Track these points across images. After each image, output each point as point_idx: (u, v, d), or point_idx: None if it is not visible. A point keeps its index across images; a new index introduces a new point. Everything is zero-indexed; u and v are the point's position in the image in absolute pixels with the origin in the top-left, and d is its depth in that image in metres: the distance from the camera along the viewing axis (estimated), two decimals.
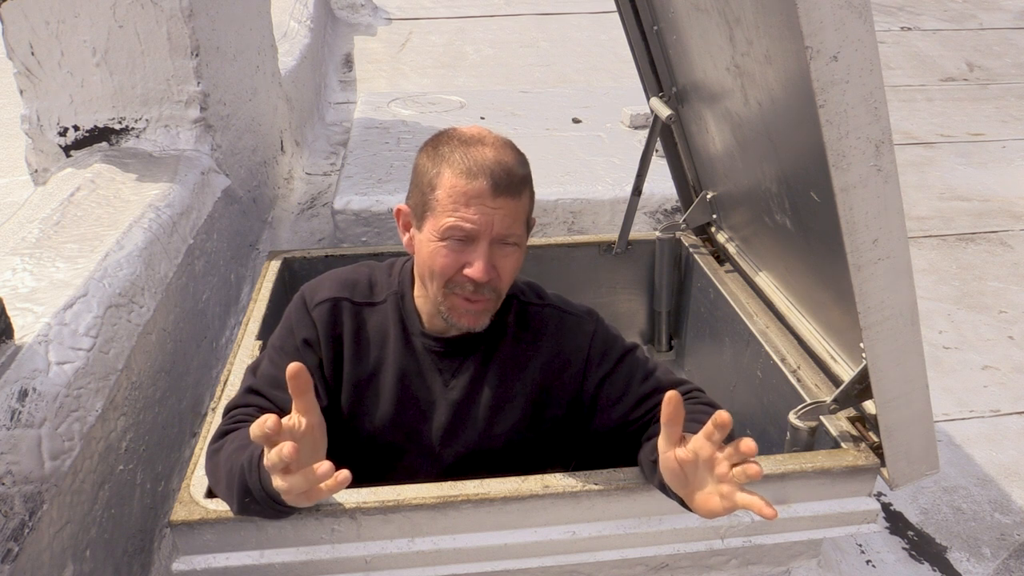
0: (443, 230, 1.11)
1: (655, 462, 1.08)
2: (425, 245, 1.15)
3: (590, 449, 1.38)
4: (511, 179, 1.12)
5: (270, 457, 0.89)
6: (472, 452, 1.29)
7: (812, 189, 1.31)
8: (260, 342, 1.59)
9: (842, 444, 1.33)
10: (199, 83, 2.24)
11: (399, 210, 1.24)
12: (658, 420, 1.20)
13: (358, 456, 1.28)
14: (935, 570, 1.82)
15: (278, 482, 0.93)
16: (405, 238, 1.23)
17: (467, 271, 1.12)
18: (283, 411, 1.03)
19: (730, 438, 1.18)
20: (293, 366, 0.91)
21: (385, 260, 1.34)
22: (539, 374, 1.28)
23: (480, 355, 1.27)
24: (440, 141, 1.17)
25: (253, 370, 1.26)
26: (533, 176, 1.20)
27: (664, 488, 1.09)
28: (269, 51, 3.13)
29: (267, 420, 0.87)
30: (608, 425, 1.27)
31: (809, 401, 1.41)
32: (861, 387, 1.32)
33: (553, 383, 1.29)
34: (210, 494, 1.19)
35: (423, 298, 1.24)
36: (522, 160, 1.17)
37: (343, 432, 1.26)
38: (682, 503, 1.06)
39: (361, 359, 1.25)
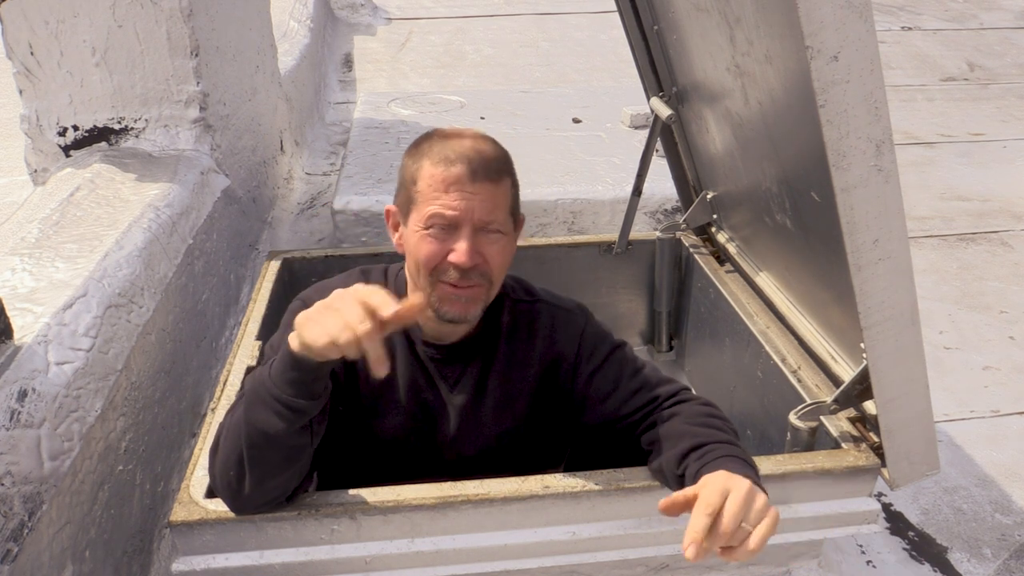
0: (426, 219, 1.13)
1: (681, 476, 1.11)
2: (411, 237, 1.17)
3: (581, 444, 1.40)
4: (487, 164, 1.15)
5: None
6: (476, 455, 1.30)
7: (812, 189, 1.30)
8: (260, 342, 1.59)
9: (842, 444, 1.33)
10: (199, 83, 2.23)
11: (388, 211, 1.25)
12: (654, 423, 1.22)
13: (367, 461, 1.29)
14: (936, 571, 1.81)
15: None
16: (395, 237, 1.25)
17: (451, 257, 1.13)
18: None
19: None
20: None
21: (379, 265, 1.34)
22: (537, 372, 1.30)
23: (480, 360, 1.28)
24: (422, 140, 1.20)
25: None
26: (533, 176, 1.20)
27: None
28: (269, 51, 3.12)
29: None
30: (597, 420, 1.28)
31: (809, 401, 1.41)
32: (861, 387, 1.32)
33: (549, 380, 1.31)
34: (210, 494, 1.19)
35: None
36: (500, 150, 1.20)
37: (354, 437, 1.26)
38: None
39: None
